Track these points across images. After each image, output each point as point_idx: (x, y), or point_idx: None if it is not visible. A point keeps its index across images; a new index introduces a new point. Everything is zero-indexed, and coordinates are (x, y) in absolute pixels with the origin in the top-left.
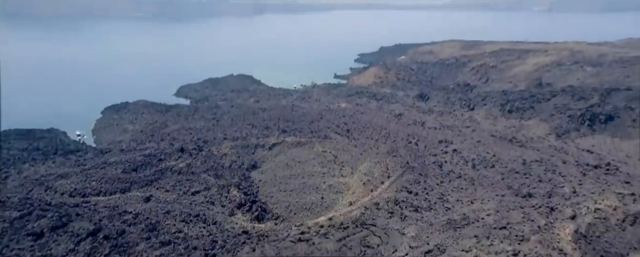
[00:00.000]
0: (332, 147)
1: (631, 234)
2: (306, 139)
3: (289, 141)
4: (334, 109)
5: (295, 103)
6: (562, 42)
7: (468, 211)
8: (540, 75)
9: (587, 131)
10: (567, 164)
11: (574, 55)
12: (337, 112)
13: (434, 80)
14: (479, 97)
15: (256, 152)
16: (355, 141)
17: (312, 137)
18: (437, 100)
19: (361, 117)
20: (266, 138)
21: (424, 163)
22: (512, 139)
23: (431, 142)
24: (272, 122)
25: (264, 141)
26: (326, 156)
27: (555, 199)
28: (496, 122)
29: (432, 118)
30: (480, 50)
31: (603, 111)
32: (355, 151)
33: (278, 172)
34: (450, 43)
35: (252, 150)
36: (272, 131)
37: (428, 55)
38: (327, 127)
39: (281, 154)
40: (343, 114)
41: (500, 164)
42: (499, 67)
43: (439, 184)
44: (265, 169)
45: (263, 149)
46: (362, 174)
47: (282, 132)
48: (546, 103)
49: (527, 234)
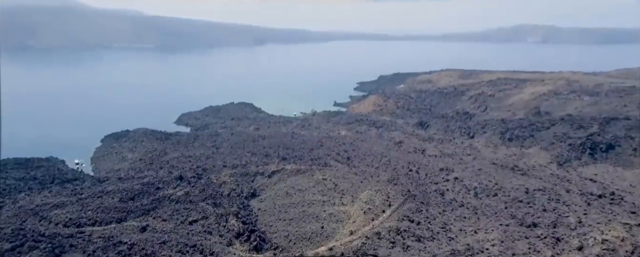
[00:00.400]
0: (332, 175)
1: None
2: (306, 167)
3: (289, 168)
4: (334, 137)
5: (295, 131)
6: (558, 72)
7: (472, 241)
8: (538, 104)
9: (588, 160)
10: (571, 193)
11: (571, 84)
12: (337, 139)
13: (433, 108)
14: (478, 125)
15: (256, 180)
16: (355, 168)
17: (312, 164)
18: (436, 128)
19: (361, 144)
20: (266, 166)
21: (426, 191)
22: (514, 167)
23: (432, 170)
24: (272, 150)
25: (264, 168)
26: (326, 184)
27: (561, 229)
28: (497, 150)
29: (433, 146)
30: (478, 79)
31: (603, 140)
32: (356, 179)
33: (277, 200)
34: (448, 72)
35: (251, 178)
36: (272, 158)
37: (426, 84)
38: (327, 155)
39: (281, 182)
40: (343, 141)
41: (502, 193)
42: (496, 96)
43: (441, 212)
44: (265, 197)
45: (263, 177)
46: (363, 203)
47: (282, 160)
48: (546, 131)
49: None
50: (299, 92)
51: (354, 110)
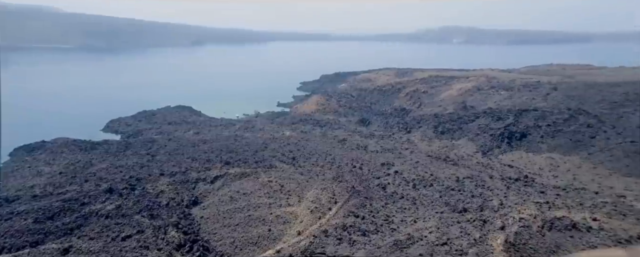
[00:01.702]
0: (278, 177)
1: (550, 239)
2: (251, 170)
3: (233, 172)
4: (279, 138)
5: (238, 133)
6: (480, 70)
7: (412, 231)
8: (464, 99)
9: (506, 148)
10: (493, 178)
11: (490, 81)
12: (282, 140)
13: (373, 105)
14: (414, 121)
15: (197, 187)
16: (301, 168)
17: (257, 167)
18: (377, 125)
19: (306, 144)
20: (208, 171)
21: (369, 186)
22: (446, 158)
23: (374, 165)
24: (214, 154)
25: (206, 174)
26: (272, 185)
27: (487, 212)
28: (431, 143)
29: (374, 142)
30: (413, 77)
31: (517, 129)
32: (302, 179)
33: (221, 206)
34: (385, 71)
35: (192, 185)
36: (214, 163)
37: (366, 83)
38: (272, 156)
39: (224, 187)
40: (288, 142)
41: (437, 183)
42: (429, 93)
43: (383, 206)
44: (208, 204)
45: (205, 183)
46: (310, 202)
47: (225, 164)
48: (471, 124)
49: (465, 248)
50: (240, 94)
51: (298, 110)
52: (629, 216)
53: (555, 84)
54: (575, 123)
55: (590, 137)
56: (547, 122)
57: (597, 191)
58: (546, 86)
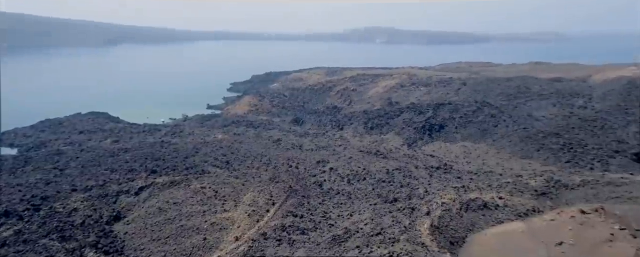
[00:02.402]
0: (211, 182)
1: (466, 218)
2: (181, 177)
3: (161, 181)
4: (210, 141)
5: (165, 139)
6: (402, 68)
7: (349, 224)
8: (389, 95)
9: (428, 139)
10: (418, 168)
11: (411, 78)
12: (214, 144)
13: (306, 104)
14: (345, 118)
15: (119, 200)
16: (236, 172)
17: (188, 174)
18: (311, 124)
19: (240, 146)
20: (131, 182)
21: (306, 185)
22: (376, 152)
23: (310, 163)
24: (138, 164)
25: (129, 185)
26: (205, 192)
27: (414, 200)
28: (362, 138)
29: (309, 140)
30: (342, 76)
31: (436, 122)
32: (237, 183)
33: (149, 219)
34: (316, 70)
35: (112, 199)
36: (139, 173)
37: (298, 82)
38: (204, 162)
39: (152, 198)
40: (220, 145)
41: (369, 176)
42: (358, 90)
43: (321, 203)
44: (133, 218)
45: (128, 195)
46: (247, 205)
47: (151, 173)
48: (397, 118)
49: (397, 235)
50: (165, 97)
51: (230, 111)
52: (526, 192)
53: (464, 80)
54: (481, 114)
55: (493, 126)
56: (460, 114)
57: (501, 173)
58: (457, 82)
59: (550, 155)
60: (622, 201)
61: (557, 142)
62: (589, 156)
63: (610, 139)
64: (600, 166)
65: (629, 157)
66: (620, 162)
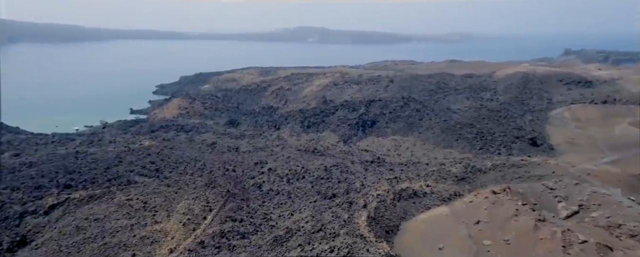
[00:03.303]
0: (139, 193)
1: (399, 207)
2: (102, 190)
3: (77, 196)
4: (136, 149)
5: (80, 149)
6: (334, 67)
7: (290, 224)
8: (324, 93)
9: (362, 135)
10: (354, 163)
11: (343, 76)
12: (141, 151)
13: (241, 105)
14: (282, 118)
15: (24, 222)
16: (167, 180)
17: (110, 186)
18: (247, 125)
19: (171, 152)
20: (39, 201)
21: (245, 187)
22: (314, 150)
23: (248, 165)
24: (47, 179)
25: (36, 205)
26: (132, 204)
27: (352, 194)
28: (299, 137)
29: (245, 142)
30: (276, 76)
31: (368, 118)
32: (169, 191)
33: (64, 240)
34: (249, 70)
35: (14, 222)
36: (48, 189)
37: (231, 83)
38: (129, 171)
39: (67, 216)
40: (148, 152)
41: (308, 174)
42: (293, 90)
43: (261, 205)
44: (43, 241)
45: (35, 216)
46: (181, 215)
47: (64, 188)
48: (332, 116)
49: (337, 230)
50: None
51: (157, 116)
52: (448, 179)
53: (392, 78)
54: (408, 109)
55: (419, 120)
56: (389, 109)
57: (427, 163)
58: (385, 79)
59: (467, 144)
60: (523, 180)
61: (471, 132)
62: (496, 143)
63: (511, 126)
64: (505, 150)
65: (527, 142)
66: (520, 147)
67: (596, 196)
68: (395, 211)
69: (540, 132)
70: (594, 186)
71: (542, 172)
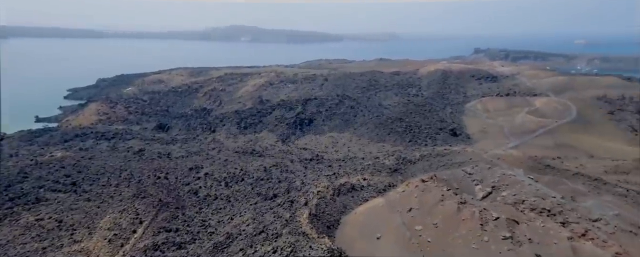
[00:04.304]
0: (51, 211)
1: (339, 202)
2: (2, 212)
3: None
4: (46, 162)
5: None
6: (269, 66)
7: (230, 228)
8: (260, 93)
9: (300, 134)
10: (294, 162)
11: (279, 76)
12: (52, 164)
13: (171, 108)
14: (217, 119)
15: None
16: (86, 194)
17: (14, 205)
18: (178, 129)
19: (90, 163)
20: None
21: (179, 195)
22: (252, 151)
23: (182, 171)
24: None
25: None
26: (44, 224)
27: (293, 193)
28: (236, 139)
29: (178, 147)
30: (208, 76)
31: (306, 117)
32: (90, 206)
33: None
34: (178, 71)
35: None
36: None
37: (158, 85)
38: (38, 187)
39: None
40: (62, 165)
41: (248, 176)
42: (227, 90)
43: (198, 212)
44: None
45: None
46: (106, 230)
47: None
48: (269, 116)
49: (280, 230)
50: None
51: (70, 123)
52: (383, 171)
53: (326, 76)
54: (343, 106)
55: (353, 116)
56: (325, 107)
57: (363, 157)
58: (320, 78)
59: (398, 137)
60: (447, 167)
61: (401, 126)
62: (423, 135)
63: (435, 119)
64: (431, 141)
65: (448, 133)
66: (443, 137)
67: (505, 177)
68: (335, 206)
69: (459, 123)
70: (502, 169)
71: (461, 159)
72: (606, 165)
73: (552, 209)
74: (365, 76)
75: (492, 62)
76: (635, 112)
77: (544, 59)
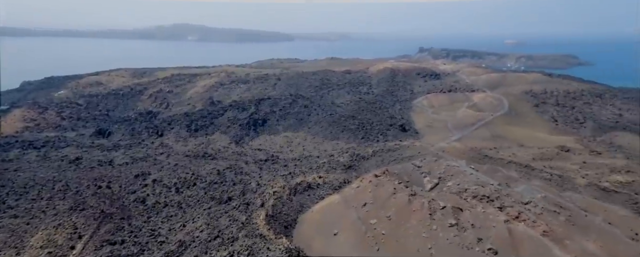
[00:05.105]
0: None
1: (296, 201)
2: None
3: None
4: None
5: None
6: (219, 66)
7: (182, 236)
8: (210, 94)
9: (253, 134)
10: (249, 163)
11: (230, 76)
12: None
13: (112, 112)
14: (164, 123)
15: None
16: (12, 210)
17: None
18: (121, 134)
19: (15, 175)
20: None
21: (124, 205)
22: (204, 155)
23: (127, 179)
24: None
25: None
26: None
27: (248, 195)
28: (187, 142)
29: (121, 154)
30: (153, 77)
31: (259, 117)
32: (17, 223)
33: None
34: (119, 72)
35: None
36: None
37: (96, 87)
38: None
39: None
40: None
41: (200, 180)
42: (175, 92)
43: (146, 221)
44: None
45: None
46: (38, 249)
47: None
48: (221, 118)
49: (236, 234)
50: None
51: None
52: (338, 168)
53: (279, 76)
54: (297, 105)
55: (307, 115)
56: (279, 107)
57: (318, 156)
58: (273, 78)
59: (351, 134)
60: (398, 161)
61: (354, 123)
62: (375, 131)
63: (386, 116)
64: (382, 137)
65: (398, 128)
66: (393, 133)
67: (449, 168)
68: (292, 206)
69: (407, 119)
70: (447, 161)
71: (411, 153)
72: (534, 153)
73: (491, 195)
74: (318, 75)
75: (435, 61)
76: (555, 104)
77: (480, 58)
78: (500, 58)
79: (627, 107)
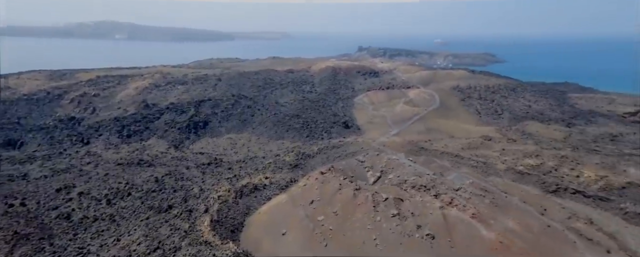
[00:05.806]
0: None
1: (242, 204)
2: None
3: None
4: None
5: None
6: (153, 67)
7: (117, 251)
8: (144, 97)
9: (194, 138)
10: (190, 168)
11: (165, 77)
12: None
13: (24, 120)
14: (91, 129)
15: None
16: None
17: None
18: (36, 144)
19: None
20: None
21: (43, 223)
22: (140, 162)
23: (46, 194)
24: None
25: None
26: None
27: (191, 201)
28: (119, 149)
29: (38, 166)
30: (75, 80)
31: (200, 119)
32: None
33: None
34: (31, 74)
35: None
36: None
37: (4, 92)
38: None
39: None
40: None
41: (135, 189)
42: (102, 95)
43: (72, 239)
44: None
45: None
46: None
47: None
48: (158, 121)
49: (178, 243)
50: None
51: None
52: (284, 168)
53: (219, 76)
54: (239, 106)
55: (251, 116)
56: (221, 108)
57: (264, 156)
58: (213, 78)
59: (296, 133)
60: (342, 158)
61: (299, 122)
62: (319, 129)
63: (329, 113)
64: (326, 135)
65: (341, 126)
66: (337, 130)
67: (390, 161)
68: (238, 209)
69: (350, 116)
70: (388, 154)
71: (354, 149)
72: (462, 143)
73: (427, 185)
74: (260, 75)
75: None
76: (478, 98)
77: (413, 56)
78: (431, 56)
79: (535, 99)
